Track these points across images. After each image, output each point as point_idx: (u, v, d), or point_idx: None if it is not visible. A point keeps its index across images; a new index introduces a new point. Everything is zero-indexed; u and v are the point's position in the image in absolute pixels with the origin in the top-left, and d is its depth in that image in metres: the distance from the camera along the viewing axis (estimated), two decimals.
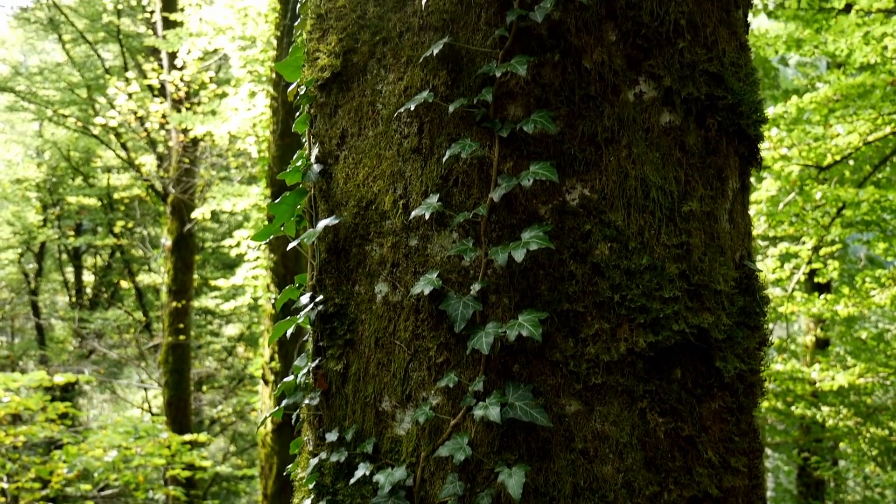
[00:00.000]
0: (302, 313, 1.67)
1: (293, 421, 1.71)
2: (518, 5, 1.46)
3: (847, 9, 7.64)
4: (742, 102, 1.57)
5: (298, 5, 1.88)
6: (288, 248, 1.69)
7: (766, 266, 9.54)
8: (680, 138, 1.52)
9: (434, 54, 1.48)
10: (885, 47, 7.38)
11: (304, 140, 1.79)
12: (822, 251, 9.37)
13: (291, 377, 1.73)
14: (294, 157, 1.77)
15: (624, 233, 1.46)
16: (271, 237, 1.78)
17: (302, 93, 1.71)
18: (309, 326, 1.67)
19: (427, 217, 1.48)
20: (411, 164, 1.54)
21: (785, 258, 9.72)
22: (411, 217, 1.51)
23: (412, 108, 1.50)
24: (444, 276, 1.49)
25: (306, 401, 1.65)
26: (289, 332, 1.76)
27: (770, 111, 8.00)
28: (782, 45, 7.38)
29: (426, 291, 1.46)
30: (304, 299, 1.69)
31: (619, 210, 1.46)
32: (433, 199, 1.49)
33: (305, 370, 1.68)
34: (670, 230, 1.48)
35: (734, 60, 1.59)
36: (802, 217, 7.97)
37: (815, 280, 10.02)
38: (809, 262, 9.00)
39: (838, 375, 8.54)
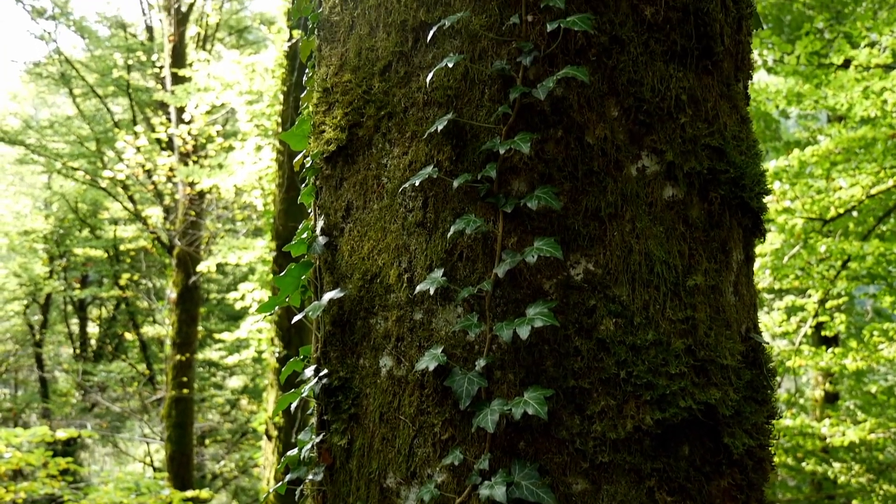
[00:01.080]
0: (307, 387, 1.66)
1: (297, 497, 1.68)
2: (521, 82, 1.48)
3: (846, 64, 7.74)
4: (745, 176, 1.57)
5: (305, 77, 1.91)
6: (293, 321, 1.69)
7: (773, 319, 9.49)
8: (683, 212, 1.52)
9: (438, 130, 1.50)
10: (885, 101, 7.45)
11: (309, 211, 1.80)
12: (829, 304, 9.33)
13: (295, 451, 1.71)
14: (299, 229, 1.78)
15: (629, 308, 1.45)
16: (272, 283, 1.78)
17: (308, 165, 1.73)
18: (313, 400, 1.66)
19: (432, 292, 1.48)
20: (416, 238, 1.54)
21: (791, 311, 9.67)
22: (416, 291, 1.51)
23: (417, 184, 1.51)
24: (448, 350, 1.48)
25: (310, 476, 1.63)
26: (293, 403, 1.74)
27: (772, 164, 8.05)
28: (783, 100, 7.46)
29: (431, 367, 1.45)
30: (309, 372, 1.68)
31: (623, 285, 1.46)
32: (438, 273, 1.49)
33: (310, 445, 1.67)
34: (675, 305, 1.48)
35: (736, 134, 1.60)
36: (807, 271, 7.96)
37: (823, 333, 9.96)
38: (816, 316, 8.95)
39: (849, 431, 8.42)
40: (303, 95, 1.89)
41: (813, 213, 8.23)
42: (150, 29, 16.90)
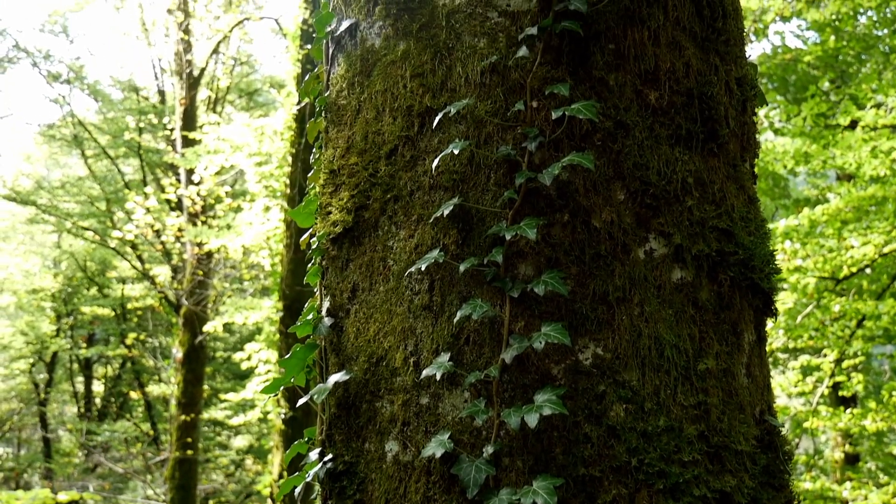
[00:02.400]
0: (311, 471, 1.63)
1: None
2: (527, 167, 1.49)
3: (853, 125, 7.79)
4: (754, 257, 1.56)
5: (312, 158, 1.92)
6: (298, 404, 1.67)
7: (788, 379, 9.36)
8: (692, 295, 1.51)
9: (444, 215, 1.50)
10: (894, 160, 7.48)
11: (315, 290, 1.80)
12: (845, 364, 9.21)
13: None
14: (305, 309, 1.77)
15: (639, 393, 1.43)
16: (279, 343, 1.76)
17: (314, 246, 1.72)
18: (318, 484, 1.63)
19: (438, 376, 1.46)
20: (422, 321, 1.53)
21: (807, 371, 9.54)
22: (422, 376, 1.49)
23: (423, 268, 1.50)
24: (455, 436, 1.45)
25: None
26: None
27: (782, 223, 8.05)
28: (790, 160, 7.50)
29: (438, 454, 1.42)
30: (313, 455, 1.65)
31: (633, 370, 1.44)
32: (444, 357, 1.47)
33: None
34: (687, 389, 1.45)
35: (743, 215, 1.60)
36: (822, 331, 7.87)
37: (840, 393, 9.80)
38: (832, 376, 8.83)
39: (872, 494, 8.22)
40: (310, 175, 1.90)
41: (825, 272, 8.18)
42: (161, 92, 17.21)
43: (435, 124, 1.56)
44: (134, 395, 19.13)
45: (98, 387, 21.48)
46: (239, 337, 17.73)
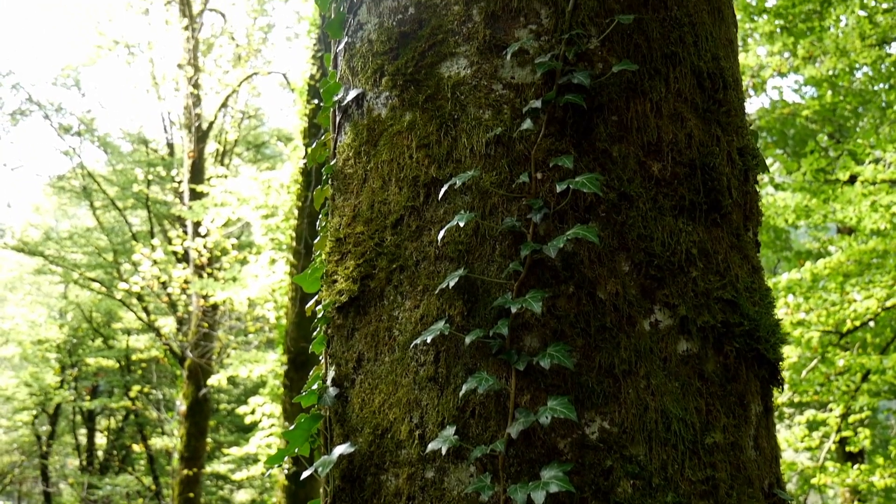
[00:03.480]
0: None
1: None
2: (532, 239, 1.50)
3: (852, 179, 7.84)
4: (759, 327, 1.56)
5: (318, 224, 1.94)
6: (302, 477, 1.65)
7: (795, 434, 9.24)
8: (698, 367, 1.50)
9: (450, 286, 1.50)
10: (895, 214, 7.50)
11: (321, 359, 1.79)
12: (851, 418, 9.10)
13: None
14: (309, 378, 1.77)
15: (647, 468, 1.41)
16: (283, 397, 1.75)
17: (320, 315, 1.73)
18: None
19: (444, 451, 1.44)
20: (427, 393, 1.52)
21: (813, 425, 9.43)
22: (427, 450, 1.47)
23: (428, 340, 1.50)
24: None
25: None
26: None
27: (784, 277, 8.05)
28: (791, 214, 7.53)
29: None
30: None
31: (640, 444, 1.43)
32: (450, 431, 1.46)
33: None
34: (694, 464, 1.44)
35: (748, 285, 1.60)
36: (828, 386, 7.81)
37: (847, 449, 9.68)
38: (839, 431, 8.72)
39: None
40: (316, 242, 1.92)
41: (828, 326, 8.15)
42: (170, 145, 17.44)
43: (441, 195, 1.58)
44: (136, 448, 18.95)
45: (101, 439, 21.29)
46: (243, 389, 17.63)
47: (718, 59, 1.70)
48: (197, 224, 12.66)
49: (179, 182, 14.81)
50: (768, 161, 7.81)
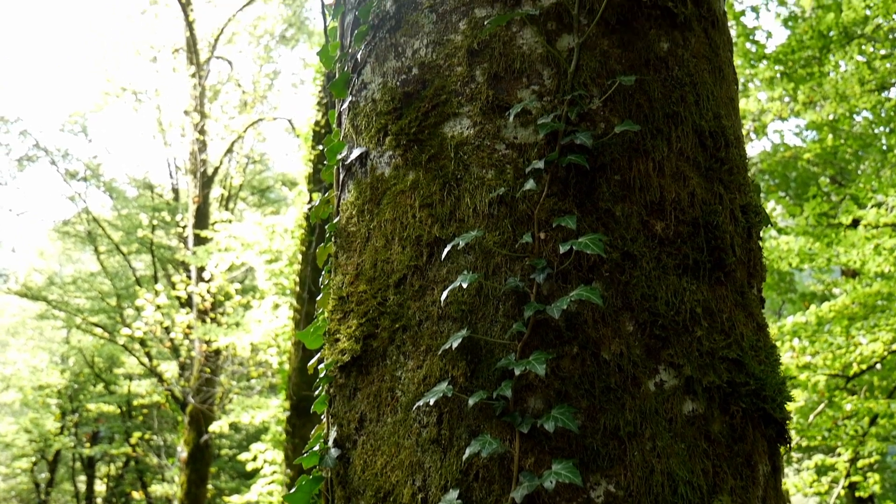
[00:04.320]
0: None
1: None
2: (535, 299, 1.49)
3: (854, 223, 7.85)
4: (765, 386, 1.55)
5: (321, 282, 1.94)
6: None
7: (803, 479, 9.11)
8: (705, 427, 1.49)
9: (453, 347, 1.50)
10: None
11: (322, 417, 1.78)
12: (860, 463, 8.99)
13: None
14: (311, 439, 1.75)
15: None
16: (285, 444, 1.72)
17: (322, 374, 1.72)
18: None
19: None
20: (430, 456, 1.50)
21: (821, 470, 9.31)
22: None
23: (431, 402, 1.49)
24: None
25: None
26: None
27: (789, 320, 8.01)
28: (795, 258, 7.53)
29: None
30: None
31: None
32: (453, 495, 1.44)
33: None
34: None
35: (753, 343, 1.59)
36: (836, 431, 7.72)
37: (857, 494, 9.53)
38: (848, 476, 8.60)
39: None
40: (318, 299, 1.92)
41: (834, 370, 8.09)
42: (175, 190, 17.56)
43: (444, 255, 1.58)
44: (136, 495, 18.72)
45: (100, 486, 21.05)
46: (245, 434, 17.47)
47: (720, 118, 1.71)
48: (201, 269, 12.68)
49: (184, 227, 14.88)
50: (770, 205, 7.82)
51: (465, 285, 1.50)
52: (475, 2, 1.71)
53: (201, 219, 14.22)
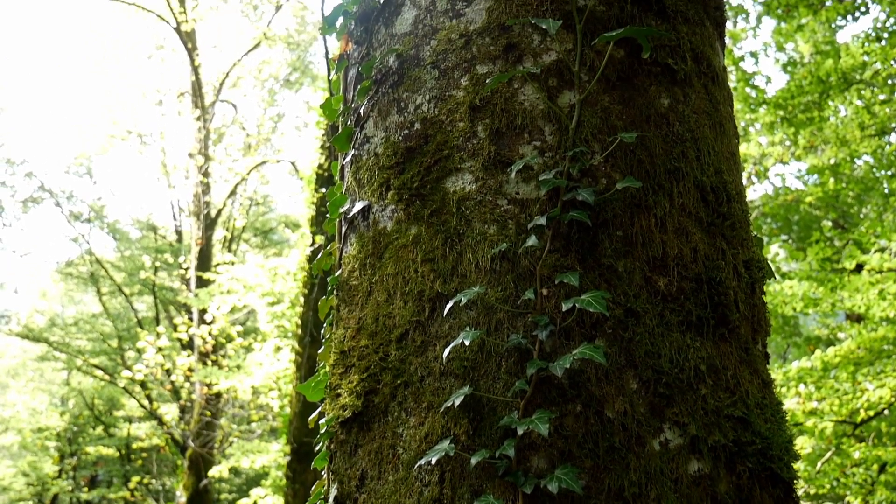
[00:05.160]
0: None
1: None
2: (538, 356, 1.48)
3: (858, 268, 7.84)
4: (772, 445, 1.52)
5: (323, 335, 1.93)
6: None
7: None
8: (711, 488, 1.46)
9: (455, 405, 1.48)
10: None
11: (322, 474, 1.75)
12: None
13: None
14: (311, 496, 1.72)
15: None
16: (285, 489, 1.69)
17: (323, 430, 1.70)
18: None
19: None
20: None
21: None
22: None
23: (433, 461, 1.47)
24: None
25: None
26: None
27: (794, 364, 7.95)
28: (799, 303, 7.50)
29: None
30: None
31: None
32: None
33: None
34: None
35: (758, 401, 1.57)
36: (844, 480, 7.61)
37: None
38: None
39: None
40: (320, 352, 1.90)
41: (841, 416, 8.01)
42: (179, 232, 17.61)
43: (446, 311, 1.57)
44: None
45: None
46: (245, 479, 17.26)
47: (721, 173, 1.72)
48: (203, 311, 12.66)
49: (186, 269, 14.90)
50: (773, 249, 7.83)
51: (467, 342, 1.49)
52: (477, 58, 1.73)
53: (204, 260, 14.24)
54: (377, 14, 1.94)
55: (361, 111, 1.90)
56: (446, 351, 1.53)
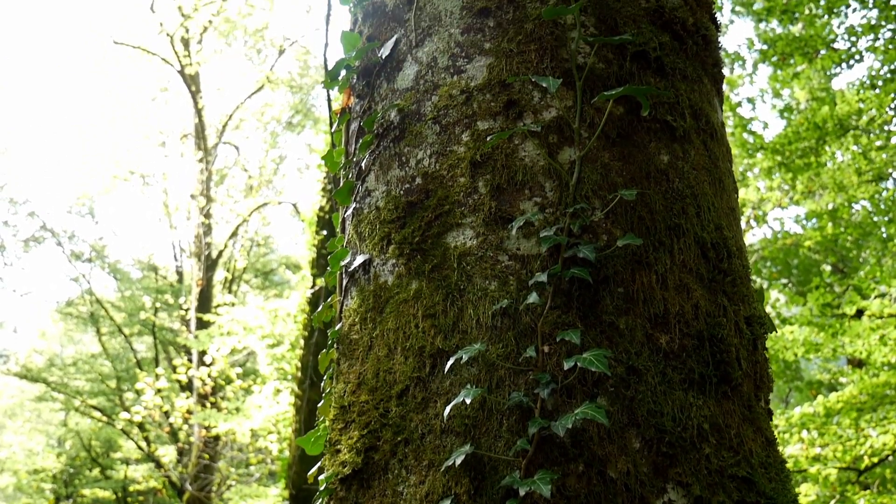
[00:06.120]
0: None
1: None
2: (539, 414, 1.47)
3: (859, 314, 7.82)
4: None
5: (322, 388, 1.92)
6: None
7: None
8: None
9: (456, 463, 1.47)
10: None
11: None
12: None
13: None
14: None
15: None
16: None
17: (322, 487, 1.68)
18: None
19: None
20: None
21: None
22: None
23: None
24: None
25: None
26: None
27: (797, 410, 7.89)
28: (800, 348, 7.47)
29: None
30: None
31: None
32: None
33: None
34: None
35: (763, 460, 1.55)
36: None
37: None
38: None
39: None
40: (320, 406, 1.89)
41: (845, 462, 7.92)
42: (180, 272, 17.62)
43: (447, 368, 1.57)
44: None
45: None
46: None
47: (721, 229, 1.73)
48: (202, 353, 12.60)
49: (187, 310, 14.87)
50: (774, 295, 7.83)
51: (468, 401, 1.48)
52: (478, 114, 1.75)
53: (204, 301, 14.22)
54: (379, 69, 1.96)
55: (363, 164, 1.92)
56: (447, 409, 1.52)
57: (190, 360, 13.62)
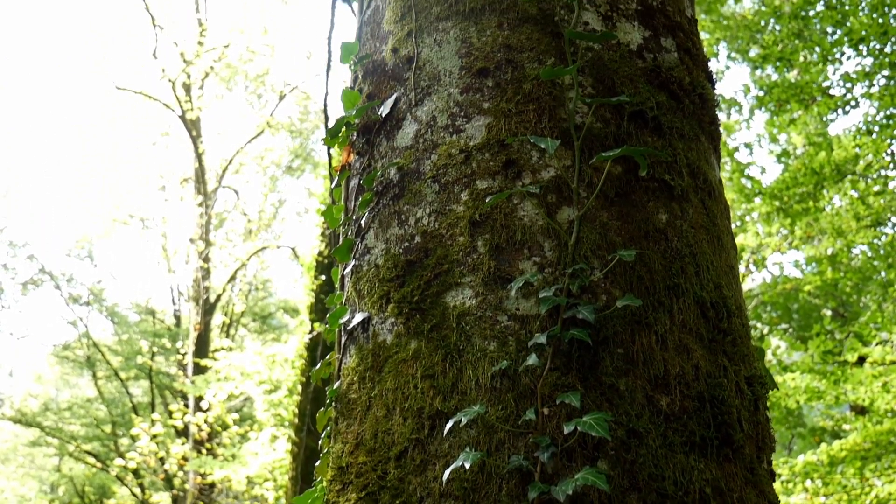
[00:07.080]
0: None
1: None
2: (539, 478, 1.45)
3: (860, 360, 7.79)
4: None
5: (320, 447, 1.90)
6: None
7: None
8: None
9: None
10: None
11: None
12: None
13: None
14: None
15: None
16: None
17: None
18: None
19: None
20: None
21: None
22: None
23: None
24: None
25: None
26: None
27: (800, 458, 7.81)
28: (802, 395, 7.42)
29: None
30: None
31: None
32: None
33: None
34: None
35: None
36: None
37: None
38: None
39: None
40: (317, 466, 1.87)
41: None
42: (177, 316, 17.57)
43: (446, 430, 1.55)
44: None
45: None
46: None
47: (721, 288, 1.72)
48: (199, 398, 12.50)
49: (184, 354, 14.79)
50: (774, 342, 7.81)
51: (467, 465, 1.46)
52: (477, 174, 1.76)
53: (202, 346, 14.15)
54: (379, 127, 1.98)
55: (362, 222, 1.92)
56: (446, 472, 1.50)
57: (186, 406, 13.50)
